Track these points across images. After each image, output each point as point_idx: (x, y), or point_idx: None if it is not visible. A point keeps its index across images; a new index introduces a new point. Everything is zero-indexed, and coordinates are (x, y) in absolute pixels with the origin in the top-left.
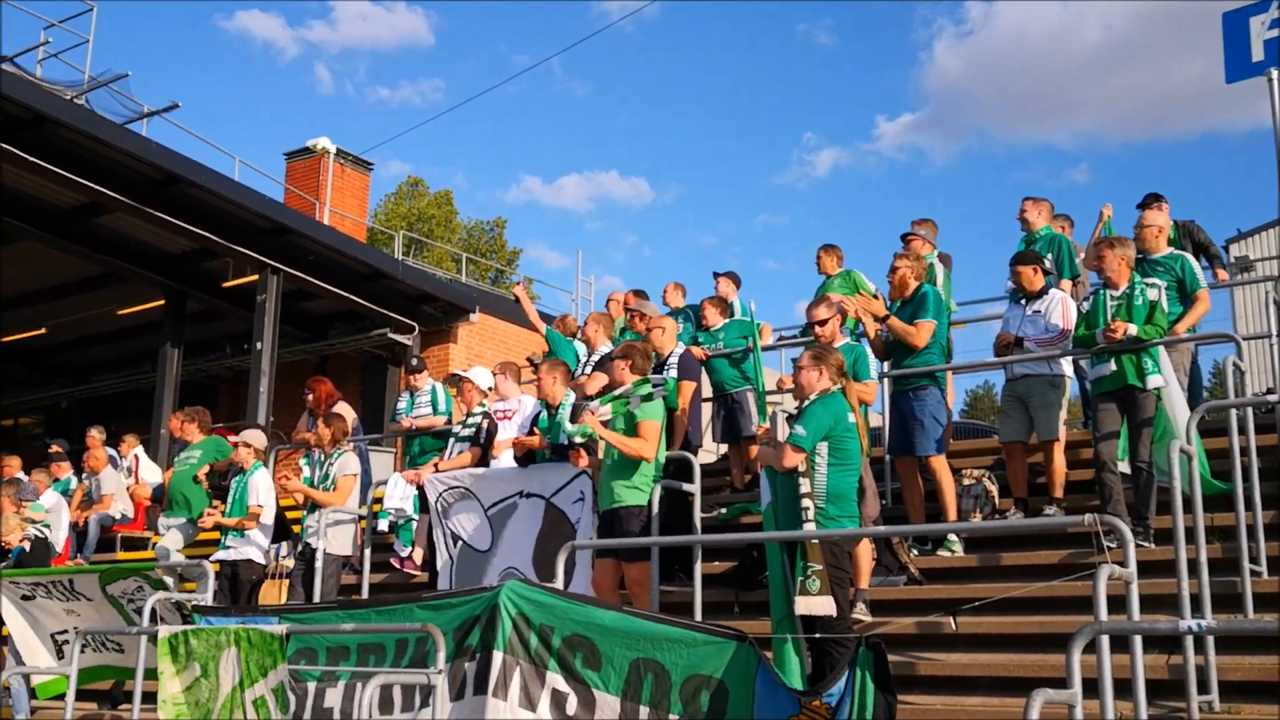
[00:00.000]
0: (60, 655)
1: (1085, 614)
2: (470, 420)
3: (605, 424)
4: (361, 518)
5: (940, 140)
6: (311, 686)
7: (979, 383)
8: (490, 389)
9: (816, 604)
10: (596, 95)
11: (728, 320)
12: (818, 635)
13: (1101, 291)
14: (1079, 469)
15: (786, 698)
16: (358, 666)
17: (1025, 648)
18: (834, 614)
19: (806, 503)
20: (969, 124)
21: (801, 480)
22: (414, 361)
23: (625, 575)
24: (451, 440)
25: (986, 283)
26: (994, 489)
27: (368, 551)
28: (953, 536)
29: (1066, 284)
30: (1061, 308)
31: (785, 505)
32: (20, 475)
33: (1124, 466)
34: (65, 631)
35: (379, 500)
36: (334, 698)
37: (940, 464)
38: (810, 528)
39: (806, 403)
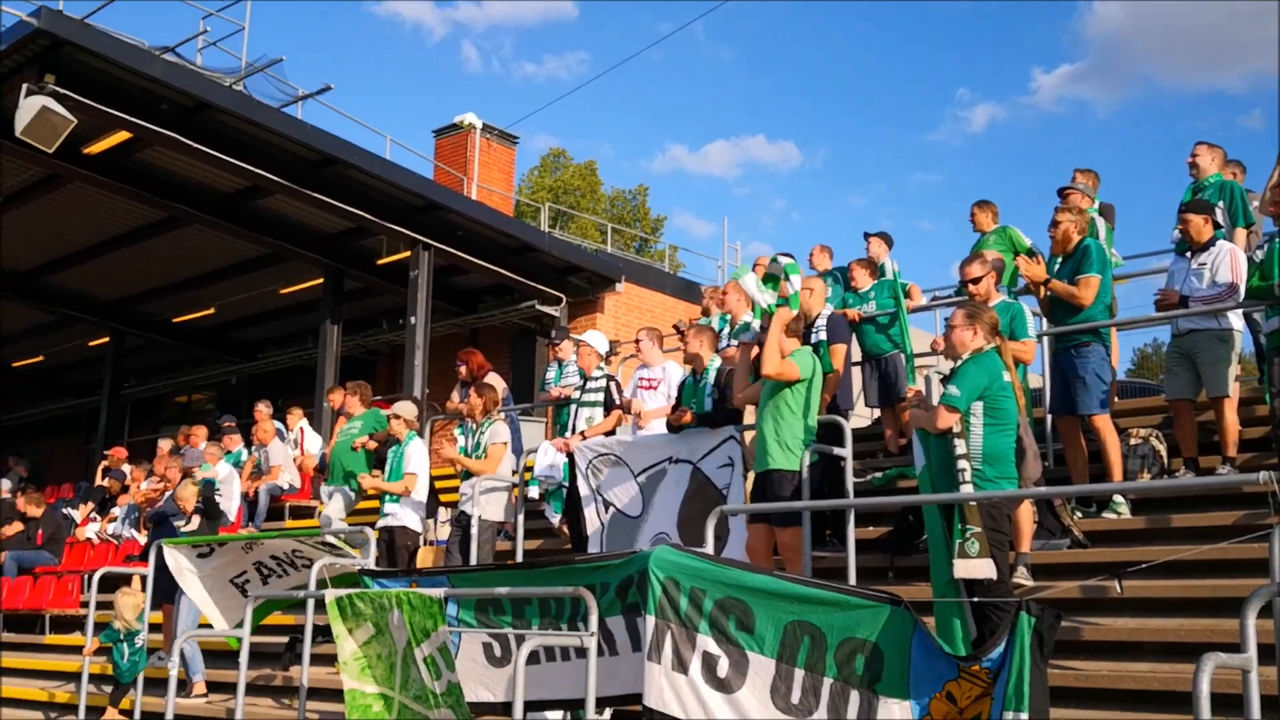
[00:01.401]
0: (245, 594)
1: (1261, 578)
2: (593, 384)
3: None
4: (514, 485)
5: (1102, 91)
6: (468, 643)
7: (1146, 340)
8: (607, 353)
9: (976, 567)
10: (742, 59)
11: (877, 281)
12: (975, 599)
13: (1277, 240)
14: (1254, 427)
15: (944, 662)
16: (513, 627)
17: (1196, 612)
18: (994, 576)
19: (963, 464)
20: (1133, 72)
21: (957, 442)
22: (552, 333)
23: (778, 540)
24: (575, 406)
25: (1152, 237)
26: (1162, 448)
27: (520, 517)
28: (1118, 498)
29: (1241, 233)
30: (1230, 260)
31: (941, 467)
32: (202, 445)
33: None
34: (244, 573)
35: (530, 468)
36: (489, 655)
37: (1104, 423)
38: (967, 489)
39: (959, 362)
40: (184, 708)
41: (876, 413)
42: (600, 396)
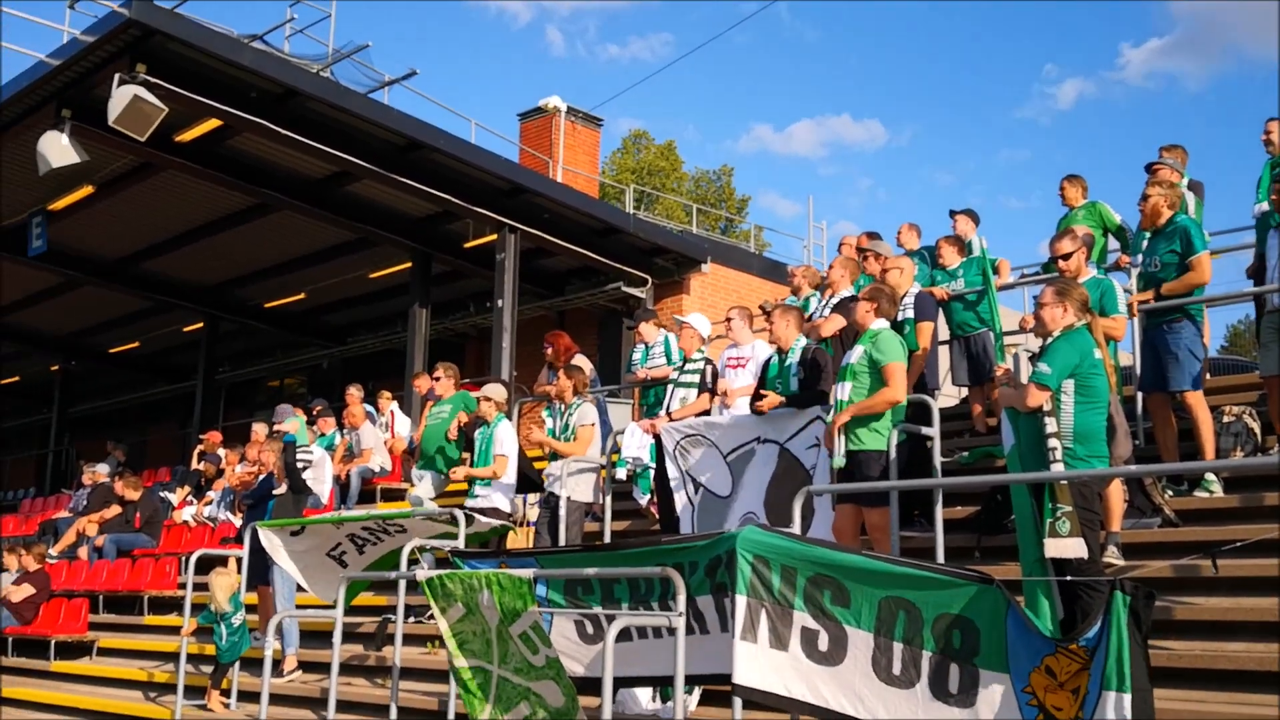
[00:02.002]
0: (343, 564)
1: None
2: (691, 366)
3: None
4: (602, 466)
5: (1193, 65)
6: (560, 620)
7: (1239, 317)
8: (710, 336)
9: (1067, 546)
10: (826, 39)
11: (965, 259)
12: (1067, 578)
13: None
14: None
15: (1041, 639)
16: (603, 607)
17: None
18: (1085, 556)
19: (1053, 442)
20: (1222, 45)
21: (1047, 420)
22: (635, 315)
23: (866, 520)
24: (671, 386)
25: (1243, 212)
26: (1256, 426)
27: (608, 499)
28: (1211, 476)
29: None
30: None
31: (1030, 446)
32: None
33: None
34: (338, 545)
35: (617, 449)
36: (581, 632)
37: (1197, 399)
38: (1058, 468)
39: (1050, 339)
40: (279, 688)
41: (964, 391)
42: (697, 378)
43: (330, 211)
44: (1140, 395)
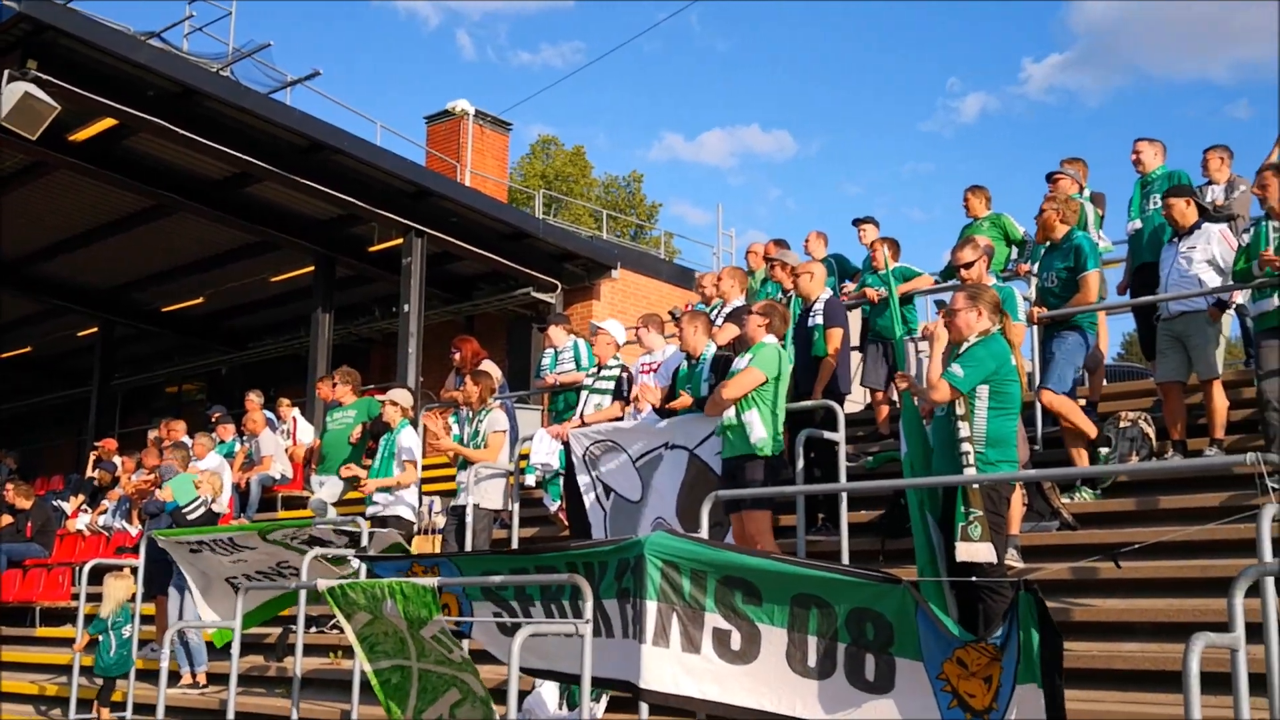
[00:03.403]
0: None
1: (1248, 558)
2: (607, 373)
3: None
4: (510, 473)
5: (1092, 80)
6: (480, 611)
7: (1133, 326)
8: (626, 342)
9: (977, 550)
10: (737, 50)
11: (899, 264)
12: (973, 580)
13: (1264, 223)
14: (1241, 409)
15: (952, 636)
16: (517, 602)
17: (1185, 592)
18: (994, 560)
19: (966, 447)
20: (1123, 62)
21: (960, 424)
22: (545, 320)
23: (746, 524)
24: (586, 393)
25: None
26: (1151, 431)
27: (516, 506)
28: (1083, 484)
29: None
30: (1221, 240)
31: (942, 450)
32: (185, 439)
33: None
34: (237, 577)
35: (525, 456)
36: (500, 626)
37: (1054, 400)
38: (970, 472)
39: (968, 345)
40: (178, 699)
41: (870, 395)
42: (612, 385)
43: (230, 214)
44: (1038, 401)
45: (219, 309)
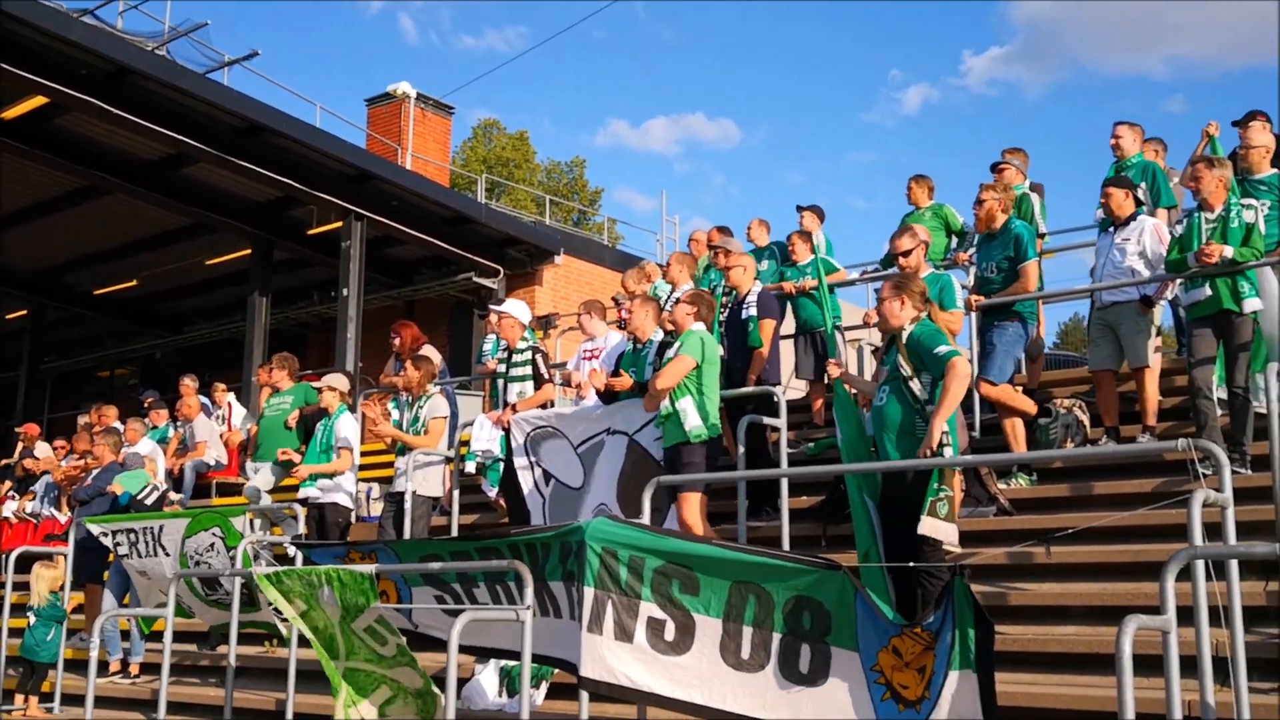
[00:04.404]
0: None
1: (1179, 542)
2: (519, 357)
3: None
4: (449, 459)
5: (1031, 73)
6: (419, 594)
7: (1069, 315)
8: (529, 322)
9: (941, 528)
10: (681, 39)
11: (815, 257)
12: (911, 565)
13: (1196, 214)
14: (1173, 396)
15: (887, 622)
16: (459, 585)
17: (1118, 576)
18: (955, 543)
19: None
20: (1062, 55)
21: (930, 408)
22: (487, 305)
23: (678, 508)
24: (502, 380)
25: (1080, 214)
26: (1085, 418)
27: (456, 493)
28: (1020, 470)
29: (1162, 213)
30: (1153, 234)
31: (904, 432)
32: (117, 425)
33: (1221, 394)
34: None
35: (465, 442)
36: (441, 602)
37: (992, 391)
38: (949, 453)
39: (911, 331)
40: (109, 690)
41: (803, 385)
42: (527, 369)
43: (165, 195)
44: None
45: (153, 292)
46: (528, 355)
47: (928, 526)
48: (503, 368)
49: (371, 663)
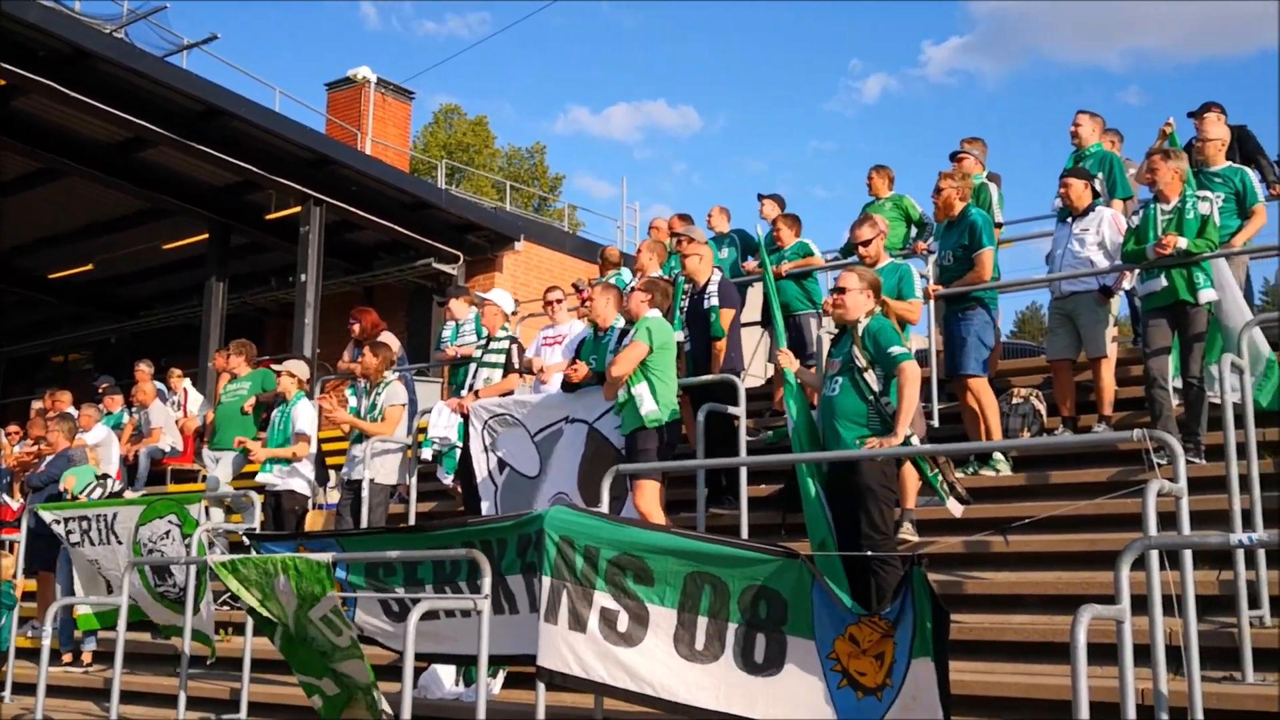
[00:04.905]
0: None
1: (1134, 531)
2: (495, 345)
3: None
4: (407, 447)
5: (990, 64)
6: (365, 601)
7: (1026, 304)
8: (513, 313)
9: (955, 507)
10: (644, 26)
11: (799, 241)
12: (867, 554)
13: (1152, 205)
14: (1129, 386)
15: (845, 610)
16: (405, 589)
17: (1074, 565)
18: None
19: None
20: (1021, 46)
21: (883, 401)
22: (446, 291)
23: (634, 494)
24: (475, 365)
25: (1038, 204)
26: (1042, 407)
27: (413, 480)
28: (999, 456)
29: (1118, 204)
30: (1112, 224)
31: (856, 426)
32: (71, 410)
33: (1176, 384)
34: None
35: (423, 430)
36: (388, 611)
37: (980, 385)
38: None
39: (868, 324)
40: (61, 679)
41: (769, 371)
42: (501, 358)
43: (122, 179)
44: (934, 378)
45: (109, 276)
46: (504, 344)
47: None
48: (479, 353)
49: (325, 655)
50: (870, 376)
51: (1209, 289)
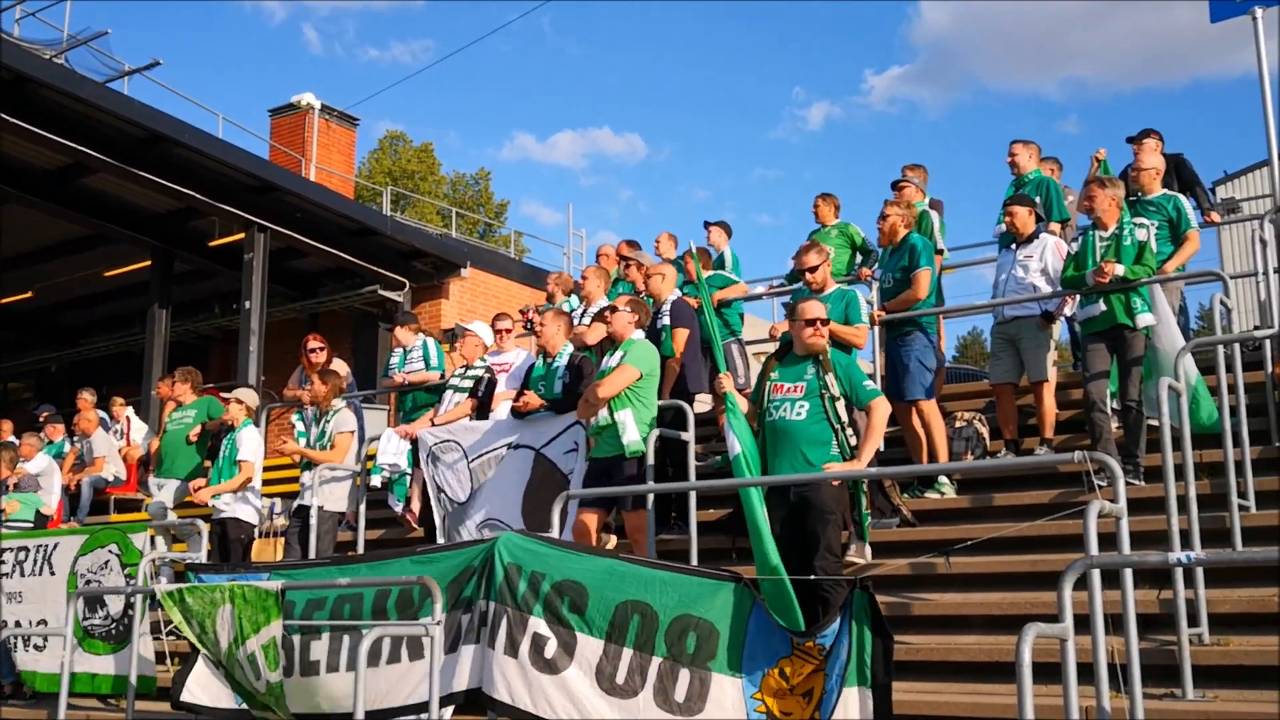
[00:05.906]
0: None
1: (1076, 552)
2: (471, 373)
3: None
4: (356, 474)
5: (931, 92)
6: (297, 640)
7: (967, 330)
8: (491, 344)
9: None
10: (588, 54)
11: (714, 272)
12: (813, 579)
13: (1091, 232)
14: (1069, 409)
15: (780, 639)
16: (352, 620)
17: (1018, 586)
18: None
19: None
20: (962, 75)
21: (848, 430)
22: (394, 318)
23: (625, 523)
24: (449, 392)
25: (979, 231)
26: (985, 430)
27: (362, 507)
28: (944, 479)
29: (1055, 227)
30: (1055, 251)
31: (821, 452)
32: (11, 439)
33: (1115, 406)
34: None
35: (372, 457)
36: (320, 650)
37: (929, 408)
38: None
39: (838, 357)
40: (4, 711)
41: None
42: (471, 385)
43: (62, 205)
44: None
45: (48, 304)
46: (479, 373)
47: (856, 552)
48: (454, 380)
49: (249, 697)
50: (840, 406)
51: (1147, 313)
